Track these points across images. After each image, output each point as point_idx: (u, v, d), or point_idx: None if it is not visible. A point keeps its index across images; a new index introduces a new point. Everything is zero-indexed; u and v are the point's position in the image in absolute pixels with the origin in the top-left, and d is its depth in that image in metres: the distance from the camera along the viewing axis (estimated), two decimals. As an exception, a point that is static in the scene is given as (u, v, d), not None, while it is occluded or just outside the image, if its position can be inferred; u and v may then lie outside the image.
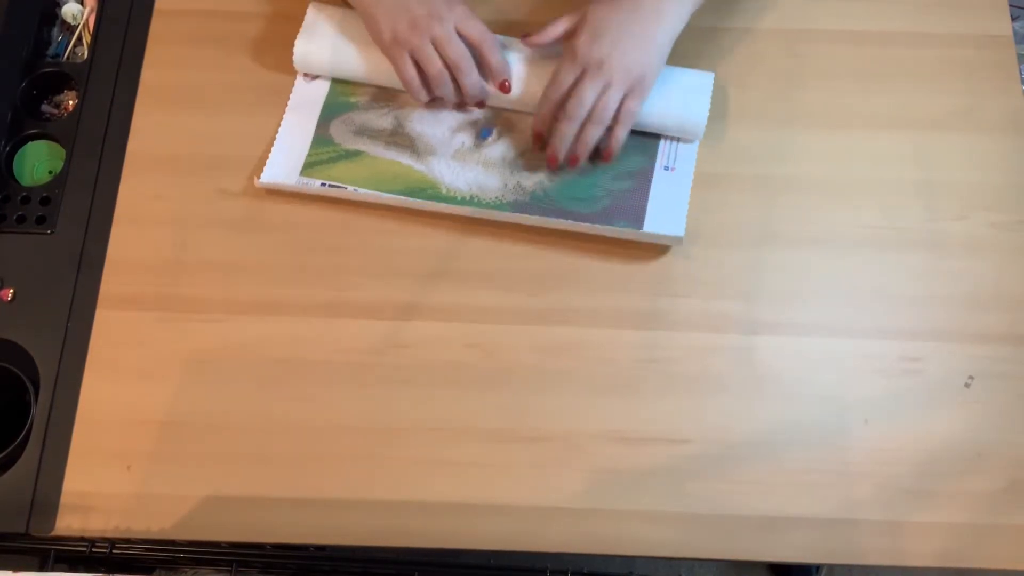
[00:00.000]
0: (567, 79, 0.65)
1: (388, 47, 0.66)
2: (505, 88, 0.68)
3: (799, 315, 0.67)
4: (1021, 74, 0.75)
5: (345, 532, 0.62)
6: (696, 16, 0.75)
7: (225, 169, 0.71)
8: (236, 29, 0.75)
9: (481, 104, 0.70)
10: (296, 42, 0.71)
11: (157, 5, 0.76)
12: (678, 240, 0.67)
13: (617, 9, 0.64)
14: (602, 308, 0.67)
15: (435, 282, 0.67)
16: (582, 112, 0.64)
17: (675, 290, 0.67)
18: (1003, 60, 0.74)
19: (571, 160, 0.68)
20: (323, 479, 0.63)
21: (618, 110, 0.65)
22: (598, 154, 0.68)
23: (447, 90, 0.67)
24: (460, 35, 0.65)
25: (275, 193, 0.70)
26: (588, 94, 0.64)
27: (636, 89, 0.64)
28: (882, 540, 0.61)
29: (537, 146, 0.70)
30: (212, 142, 0.72)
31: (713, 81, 0.70)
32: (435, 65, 0.65)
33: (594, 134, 0.66)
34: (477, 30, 0.66)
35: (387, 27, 0.65)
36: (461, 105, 0.70)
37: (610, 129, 0.66)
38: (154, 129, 0.72)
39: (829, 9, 0.76)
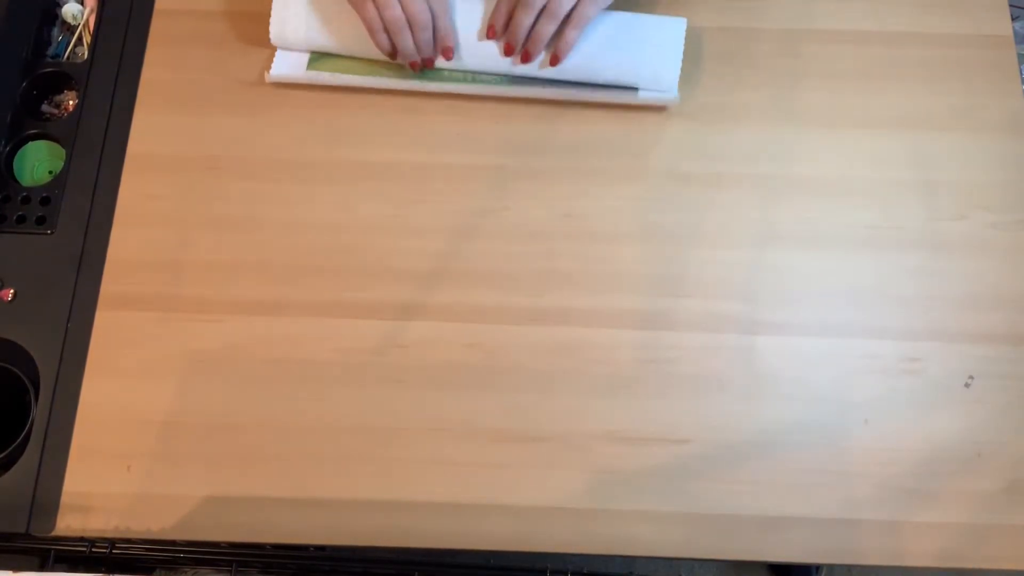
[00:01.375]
0: None
1: None
2: (447, 55, 0.70)
3: (799, 315, 0.67)
4: (1021, 74, 0.75)
5: (345, 532, 0.62)
6: (696, 16, 0.75)
7: (225, 169, 0.71)
8: (236, 29, 0.75)
9: (430, 63, 0.71)
10: (271, 20, 0.72)
11: (157, 5, 0.76)
12: (674, 100, 0.70)
13: None
14: (602, 308, 0.67)
15: (435, 282, 0.68)
16: (537, 4, 0.67)
17: (675, 290, 0.67)
18: (1003, 60, 0.74)
19: (523, 56, 0.70)
20: (323, 479, 0.63)
21: (572, 11, 0.67)
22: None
23: (405, 40, 0.68)
24: None
25: (275, 191, 0.70)
26: None
27: None
28: (882, 540, 0.61)
29: (489, 37, 0.71)
30: (212, 142, 0.72)
31: (685, 27, 0.71)
32: (394, 10, 0.67)
33: (547, 28, 0.68)
34: None
35: None
36: (415, 65, 0.71)
37: (561, 31, 0.68)
38: (154, 129, 0.72)
39: (829, 9, 0.76)
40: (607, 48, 0.70)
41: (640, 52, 0.70)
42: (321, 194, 0.70)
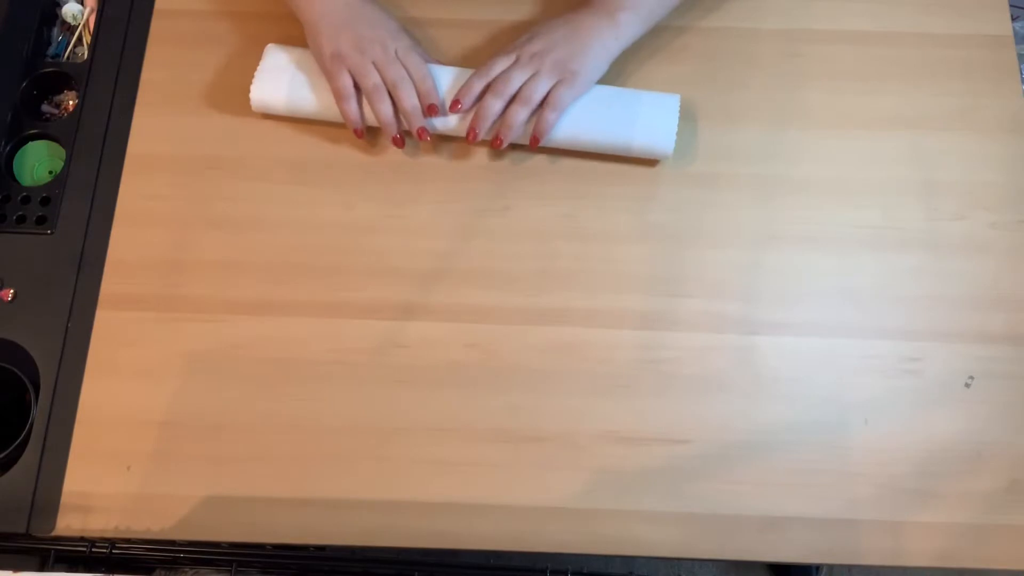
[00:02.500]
0: (498, 65, 0.65)
1: (328, 61, 0.65)
2: (433, 111, 0.66)
3: (799, 315, 0.67)
4: (1021, 74, 0.75)
5: (345, 532, 0.62)
6: (696, 16, 0.75)
7: (225, 169, 0.71)
8: (236, 29, 0.75)
9: (422, 134, 0.67)
10: (252, 87, 0.69)
11: (157, 5, 0.76)
12: (666, 155, 0.68)
13: (554, 24, 0.66)
14: (602, 308, 0.67)
15: (435, 282, 0.68)
16: (509, 90, 0.64)
17: (675, 290, 0.67)
18: (1003, 60, 0.74)
19: (494, 142, 0.67)
20: (323, 479, 0.63)
21: (548, 95, 0.65)
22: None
23: (385, 107, 0.66)
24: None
25: (275, 191, 0.70)
26: (515, 74, 0.64)
27: (568, 79, 0.64)
28: (882, 540, 0.61)
29: (452, 111, 0.67)
30: (212, 142, 0.72)
31: (679, 103, 0.69)
32: (372, 78, 0.65)
33: (518, 115, 0.65)
34: (415, 62, 0.66)
35: (329, 42, 0.65)
36: (398, 141, 0.68)
37: (538, 112, 0.66)
38: (154, 129, 0.72)
39: (829, 9, 0.76)
40: (599, 123, 0.68)
41: (635, 118, 0.68)
42: (321, 194, 0.70)
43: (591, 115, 0.68)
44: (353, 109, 0.66)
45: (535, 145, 0.67)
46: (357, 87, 0.66)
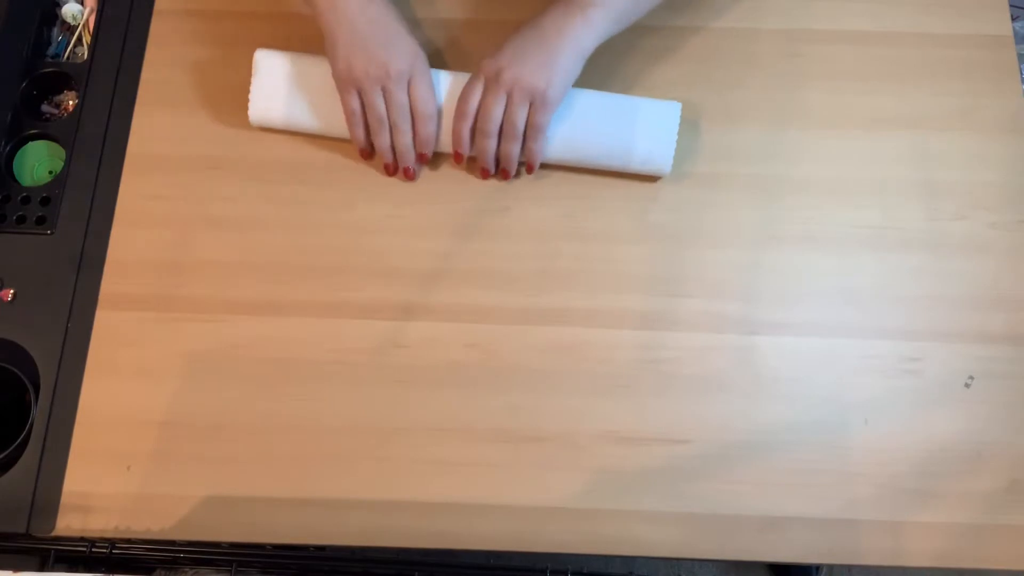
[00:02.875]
0: (471, 93, 0.66)
1: (341, 77, 0.65)
2: (423, 160, 0.69)
3: (799, 315, 0.67)
4: (1021, 74, 0.75)
5: (345, 532, 0.62)
6: (696, 17, 0.75)
7: (225, 169, 0.71)
8: (236, 29, 0.75)
9: (408, 174, 0.70)
10: (250, 105, 0.69)
11: (157, 5, 0.76)
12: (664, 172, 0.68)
13: (521, 33, 0.66)
14: (602, 308, 0.67)
15: (435, 282, 0.68)
16: (493, 126, 0.66)
17: (675, 290, 0.67)
18: (1003, 60, 0.74)
19: (502, 176, 0.70)
20: (323, 479, 0.63)
21: (527, 123, 0.65)
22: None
23: (383, 140, 0.68)
24: (408, 93, 0.66)
25: (275, 191, 0.70)
26: (492, 106, 0.65)
27: (539, 102, 0.64)
28: (882, 540, 0.61)
29: (458, 164, 0.70)
30: (212, 142, 0.72)
31: (679, 114, 0.68)
32: (378, 111, 0.66)
33: (512, 149, 0.67)
34: (423, 97, 0.66)
35: (343, 59, 0.64)
36: (390, 168, 0.70)
37: (523, 146, 0.67)
38: (154, 129, 0.72)
39: (829, 9, 0.76)
40: (597, 134, 0.68)
41: (632, 137, 0.67)
42: (321, 194, 0.70)
43: (586, 133, 0.68)
44: (360, 135, 0.68)
45: (531, 172, 0.69)
46: None
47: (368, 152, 0.69)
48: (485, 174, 0.70)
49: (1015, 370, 0.65)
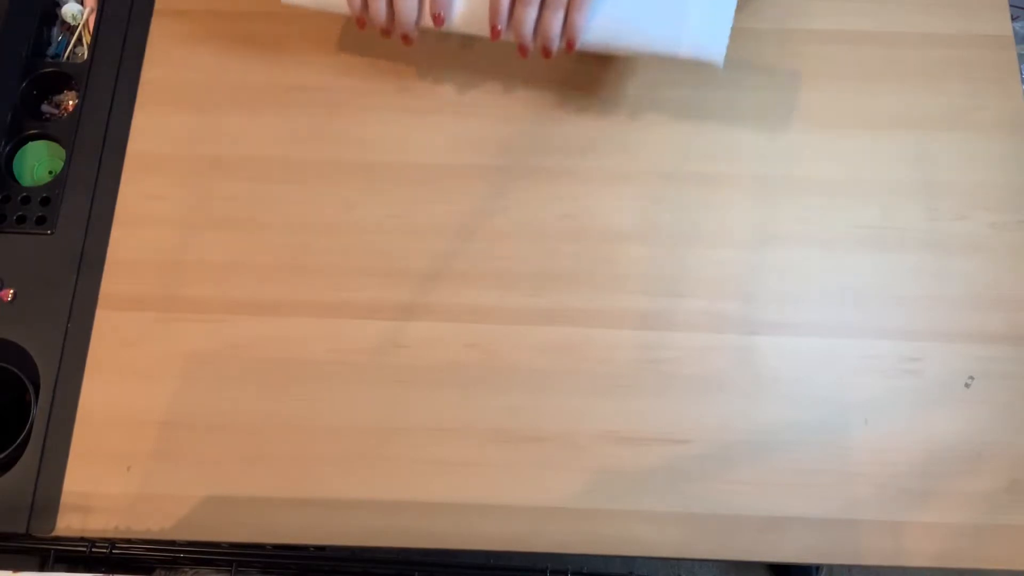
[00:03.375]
0: None
1: None
2: (439, 20, 0.64)
3: (799, 315, 0.67)
4: (1021, 74, 0.75)
5: (345, 532, 0.62)
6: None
7: (225, 169, 0.71)
8: (236, 29, 0.75)
9: (406, 40, 0.65)
10: None
11: (157, 5, 0.76)
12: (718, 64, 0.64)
13: None
14: (602, 308, 0.67)
15: (435, 282, 0.68)
16: None
17: (675, 290, 0.67)
18: (1003, 60, 0.74)
19: (543, 53, 0.65)
20: (323, 479, 0.63)
21: None
22: None
23: (380, 5, 0.63)
24: None
25: (275, 191, 0.70)
26: None
27: None
28: (882, 540, 0.61)
29: (494, 40, 0.65)
30: (212, 142, 0.72)
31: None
32: None
33: (553, 19, 0.62)
34: None
35: None
36: (387, 32, 0.65)
37: (565, 18, 0.63)
38: (154, 129, 0.72)
39: (829, 9, 0.76)
40: (643, 10, 0.63)
41: (683, 17, 0.63)
42: (321, 194, 0.70)
43: (632, 10, 0.64)
44: (358, 3, 0.64)
45: (571, 50, 0.64)
46: None
47: (364, 19, 0.65)
48: (523, 51, 0.65)
49: (1015, 370, 0.65)
